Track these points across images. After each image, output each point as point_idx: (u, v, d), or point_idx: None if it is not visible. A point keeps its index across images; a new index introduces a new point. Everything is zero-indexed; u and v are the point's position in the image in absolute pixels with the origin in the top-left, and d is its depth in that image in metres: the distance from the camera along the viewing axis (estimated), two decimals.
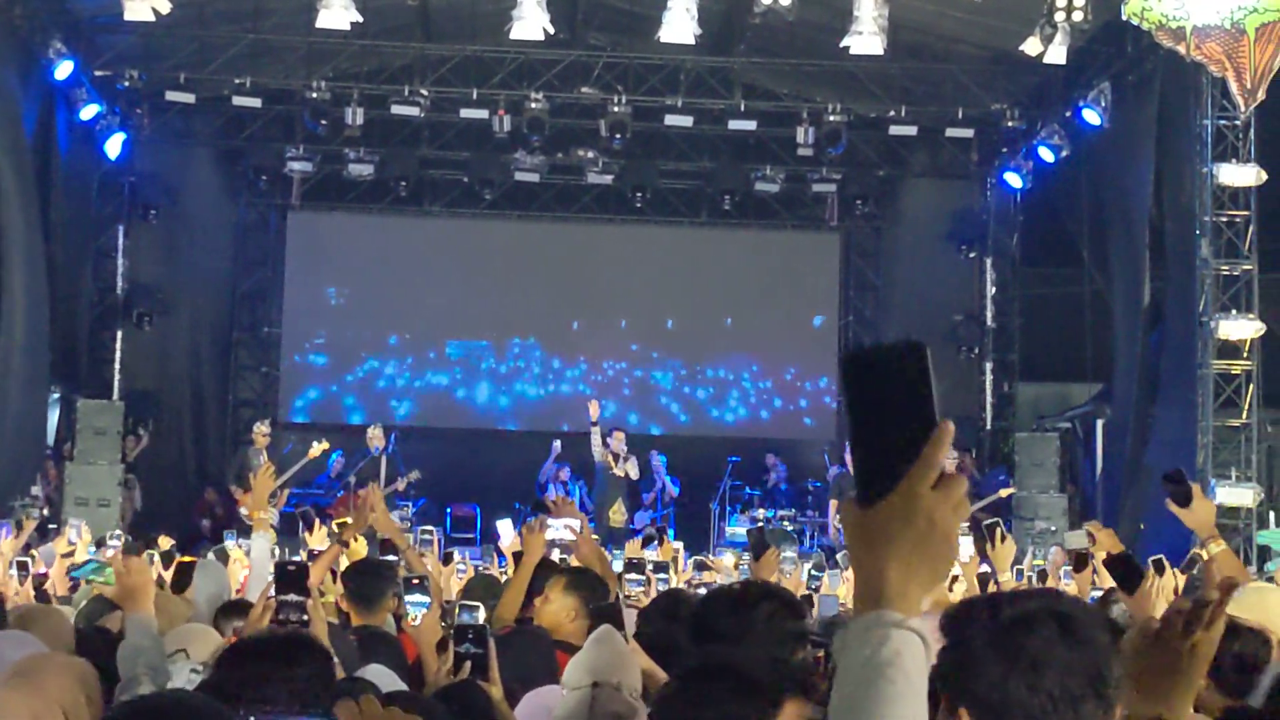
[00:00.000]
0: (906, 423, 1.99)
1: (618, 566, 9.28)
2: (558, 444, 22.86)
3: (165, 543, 13.96)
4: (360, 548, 8.85)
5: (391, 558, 9.26)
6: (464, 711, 4.38)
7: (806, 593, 10.38)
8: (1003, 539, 8.36)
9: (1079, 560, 9.77)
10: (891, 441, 2.00)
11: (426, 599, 6.98)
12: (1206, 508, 7.06)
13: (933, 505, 1.98)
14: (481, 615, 6.69)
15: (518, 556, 11.74)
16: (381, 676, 4.91)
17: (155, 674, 5.26)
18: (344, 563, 8.69)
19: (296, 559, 7.09)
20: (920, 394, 1.99)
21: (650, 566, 9.15)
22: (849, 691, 1.95)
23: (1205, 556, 7.10)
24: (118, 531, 15.52)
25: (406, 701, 3.45)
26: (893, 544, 1.99)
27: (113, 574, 6.12)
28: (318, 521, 10.41)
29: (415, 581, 7.64)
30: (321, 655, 4.42)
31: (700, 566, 13.59)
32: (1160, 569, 8.65)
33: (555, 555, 8.60)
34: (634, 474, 21.51)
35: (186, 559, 8.70)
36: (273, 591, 5.93)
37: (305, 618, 5.67)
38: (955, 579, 10.22)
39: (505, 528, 14.55)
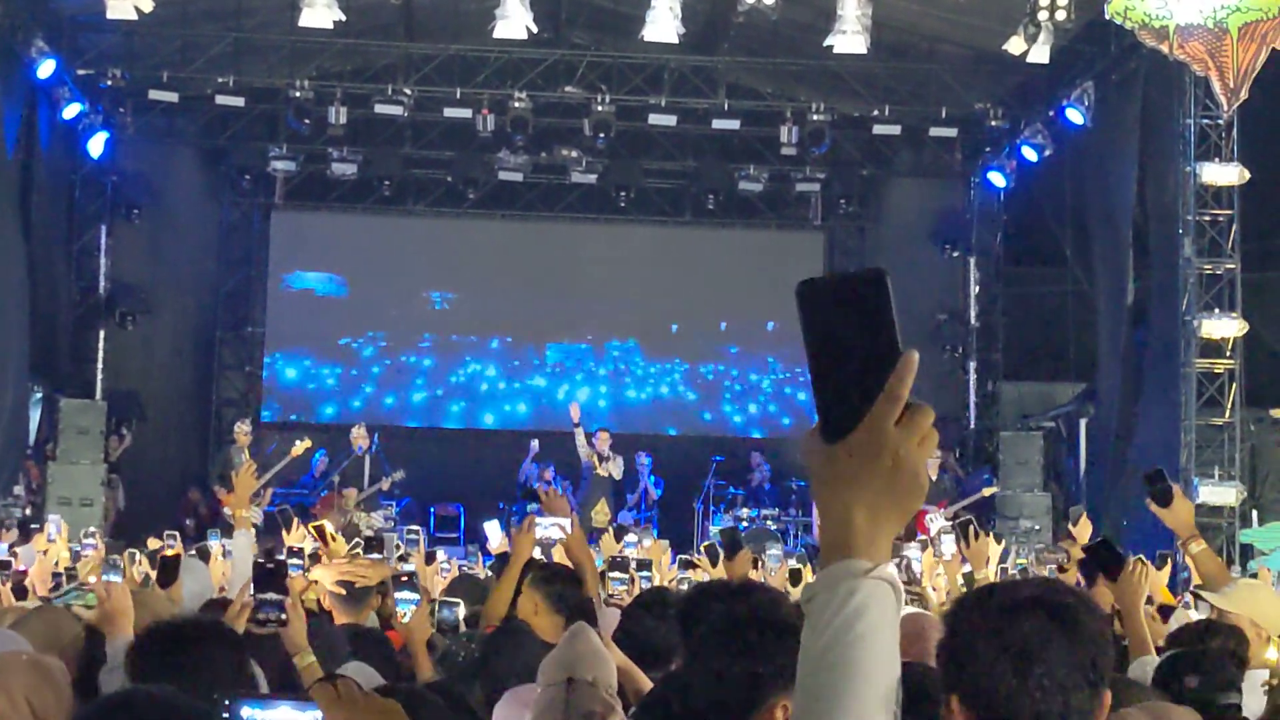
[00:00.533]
0: (868, 354, 1.91)
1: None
2: (535, 443, 22.87)
3: (155, 543, 13.89)
4: (340, 547, 8.82)
5: (375, 555, 9.24)
6: (450, 705, 4.36)
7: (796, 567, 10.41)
8: (976, 535, 8.37)
9: (1060, 568, 9.81)
10: (853, 374, 1.92)
11: (416, 596, 6.97)
12: (1186, 508, 7.10)
13: (899, 441, 1.92)
14: (462, 611, 6.69)
15: (503, 558, 11.72)
16: (362, 673, 4.89)
17: None
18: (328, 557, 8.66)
19: (276, 558, 7.07)
20: (882, 323, 1.91)
21: (633, 564, 9.15)
22: (818, 646, 1.91)
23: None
24: (93, 529, 15.46)
25: (390, 693, 3.43)
26: (859, 485, 1.93)
27: (94, 598, 6.10)
28: (296, 520, 10.38)
29: (405, 579, 7.62)
30: (233, 643, 4.46)
31: (686, 565, 13.58)
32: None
33: (536, 552, 8.56)
34: (617, 474, 21.57)
35: (170, 553, 8.67)
36: (251, 590, 5.92)
37: (284, 616, 5.66)
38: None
39: (493, 530, 14.50)
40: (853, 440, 1.93)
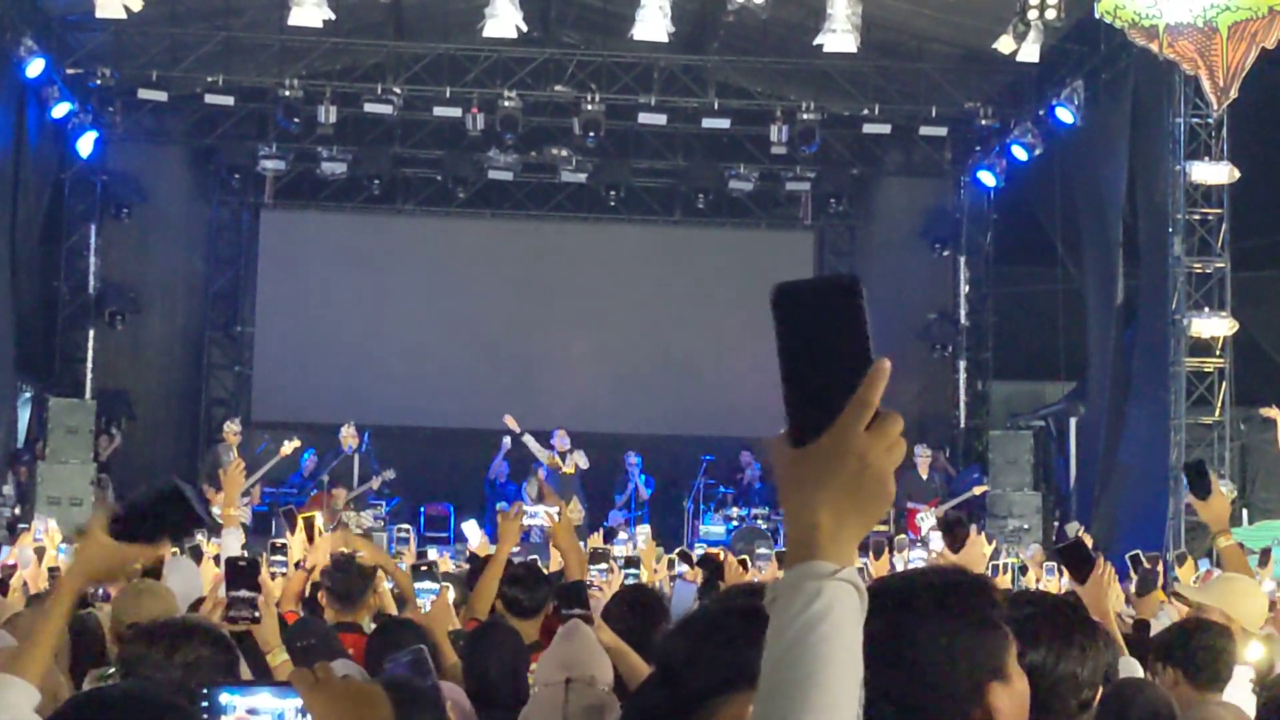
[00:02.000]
0: (840, 360, 1.92)
1: None
2: (507, 440, 22.79)
3: None
4: (324, 543, 8.77)
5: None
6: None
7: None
8: (965, 533, 8.38)
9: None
10: (825, 380, 1.92)
11: (436, 586, 6.97)
12: (1222, 502, 7.27)
13: (866, 446, 1.92)
14: (451, 595, 6.69)
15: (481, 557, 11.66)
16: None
17: None
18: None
19: (247, 556, 7.07)
20: (855, 330, 1.92)
21: (621, 561, 9.14)
22: (780, 646, 1.90)
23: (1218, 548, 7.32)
24: None
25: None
26: (825, 488, 1.92)
27: None
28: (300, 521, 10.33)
29: (424, 569, 7.63)
30: (223, 643, 4.47)
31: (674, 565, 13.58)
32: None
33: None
34: (584, 464, 21.60)
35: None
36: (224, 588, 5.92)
37: (256, 614, 5.65)
38: None
39: (471, 529, 14.49)
40: (821, 444, 1.93)
